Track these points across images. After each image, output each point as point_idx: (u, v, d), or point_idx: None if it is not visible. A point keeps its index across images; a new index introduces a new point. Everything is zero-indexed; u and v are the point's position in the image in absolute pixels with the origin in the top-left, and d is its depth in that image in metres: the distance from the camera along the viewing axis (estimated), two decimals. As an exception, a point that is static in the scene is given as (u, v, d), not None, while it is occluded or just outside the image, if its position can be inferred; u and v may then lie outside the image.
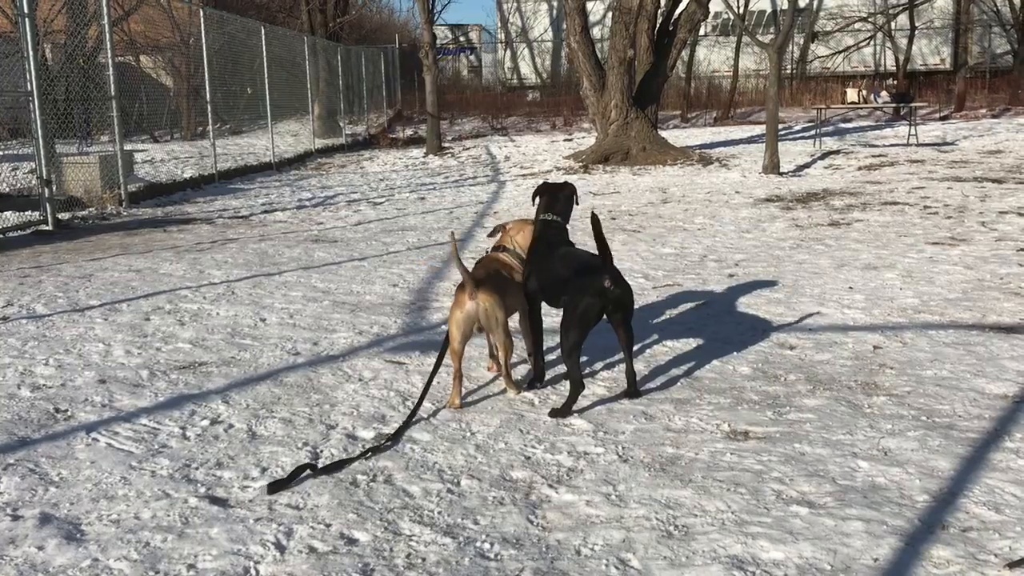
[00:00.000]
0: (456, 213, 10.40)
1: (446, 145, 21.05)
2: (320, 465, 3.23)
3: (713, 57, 32.23)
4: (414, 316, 5.47)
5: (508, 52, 35.34)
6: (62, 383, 4.27)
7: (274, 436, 3.56)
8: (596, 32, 26.53)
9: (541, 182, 4.37)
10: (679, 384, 4.09)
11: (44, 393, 4.13)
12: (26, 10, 9.57)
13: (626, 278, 3.78)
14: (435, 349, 4.66)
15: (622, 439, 3.45)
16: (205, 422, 3.72)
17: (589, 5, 18.40)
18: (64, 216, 10.12)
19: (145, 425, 3.69)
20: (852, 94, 19.37)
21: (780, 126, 15.92)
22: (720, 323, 5.15)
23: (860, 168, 13.82)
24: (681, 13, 16.49)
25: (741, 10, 27.17)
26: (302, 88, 20.70)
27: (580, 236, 5.61)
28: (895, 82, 28.51)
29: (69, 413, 3.84)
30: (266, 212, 10.89)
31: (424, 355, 4.61)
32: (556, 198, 4.17)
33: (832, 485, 3.00)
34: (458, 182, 14.10)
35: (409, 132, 26.01)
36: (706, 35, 31.74)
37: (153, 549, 2.68)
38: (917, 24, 30.60)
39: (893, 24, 30.35)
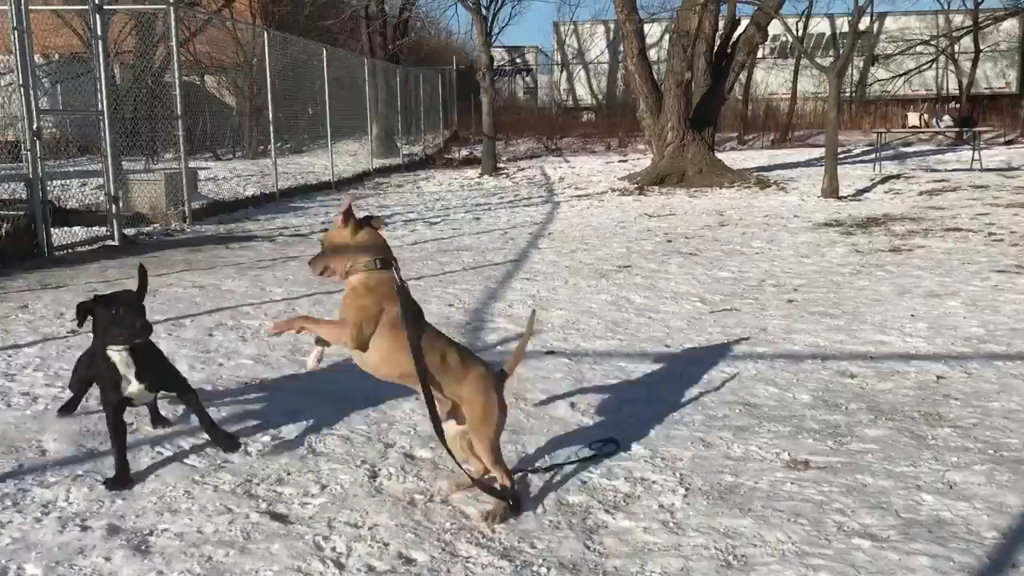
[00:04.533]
0: (511, 234, 10.44)
1: (501, 166, 21.17)
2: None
3: (771, 80, 32.01)
4: (469, 336, 5.50)
5: (564, 74, 35.51)
6: (128, 396, 4.36)
7: (333, 453, 3.60)
8: (653, 54, 26.57)
9: (93, 296, 3.36)
10: (737, 411, 4.05)
11: (111, 406, 4.22)
12: (99, 32, 9.89)
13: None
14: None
15: (680, 466, 3.42)
16: (266, 438, 3.78)
17: (646, 27, 18.43)
18: (130, 232, 10.39)
19: (208, 440, 3.76)
20: (913, 118, 19.06)
21: (839, 150, 15.72)
22: (778, 349, 5.08)
23: (921, 193, 13.58)
24: (740, 36, 16.45)
25: (800, 33, 27.01)
26: (361, 109, 21.01)
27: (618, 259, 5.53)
28: (958, 105, 28.00)
29: (135, 427, 3.92)
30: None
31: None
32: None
33: (896, 518, 2.95)
34: (513, 203, 14.16)
35: (465, 152, 26.22)
36: (764, 57, 31.57)
37: (216, 563, 2.73)
38: (982, 47, 30.06)
39: (956, 47, 29.85)
